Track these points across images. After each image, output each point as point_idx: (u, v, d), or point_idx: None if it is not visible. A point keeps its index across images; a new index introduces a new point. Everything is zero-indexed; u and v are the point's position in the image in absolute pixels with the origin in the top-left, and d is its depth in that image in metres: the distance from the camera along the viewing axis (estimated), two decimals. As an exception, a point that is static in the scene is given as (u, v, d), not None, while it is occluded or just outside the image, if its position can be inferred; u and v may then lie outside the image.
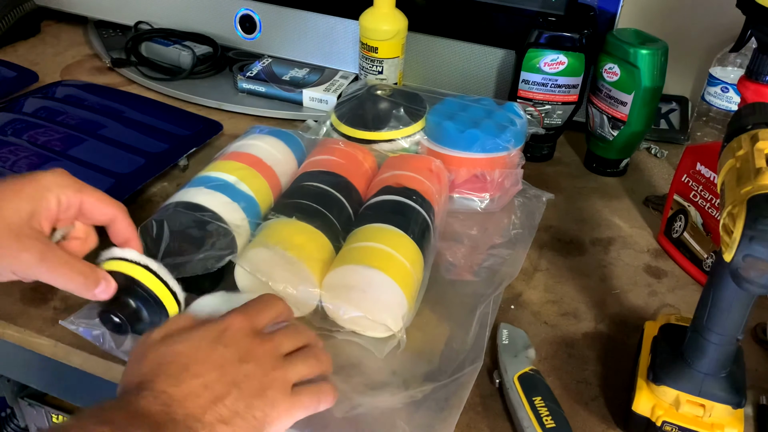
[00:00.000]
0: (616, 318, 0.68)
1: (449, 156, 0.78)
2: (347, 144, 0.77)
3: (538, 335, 0.65)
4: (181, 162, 0.85)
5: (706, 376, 0.51)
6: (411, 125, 0.80)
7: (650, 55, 0.81)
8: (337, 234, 0.64)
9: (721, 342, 0.50)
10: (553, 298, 0.70)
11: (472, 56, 0.99)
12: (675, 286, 0.72)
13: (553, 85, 0.87)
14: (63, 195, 0.52)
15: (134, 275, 0.54)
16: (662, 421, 0.53)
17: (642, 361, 0.56)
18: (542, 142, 0.92)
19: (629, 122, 0.85)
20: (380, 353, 0.60)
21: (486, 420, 0.57)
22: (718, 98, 0.91)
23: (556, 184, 0.88)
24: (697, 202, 0.71)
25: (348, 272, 0.59)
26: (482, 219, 0.79)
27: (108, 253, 0.56)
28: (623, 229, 0.81)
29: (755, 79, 0.72)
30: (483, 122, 0.78)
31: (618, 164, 0.91)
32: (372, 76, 0.96)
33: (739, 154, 0.48)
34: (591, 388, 0.60)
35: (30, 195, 0.50)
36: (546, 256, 0.76)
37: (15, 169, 0.78)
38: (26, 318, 0.64)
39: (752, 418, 0.58)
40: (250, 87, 1.02)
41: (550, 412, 0.54)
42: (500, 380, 0.58)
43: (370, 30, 0.92)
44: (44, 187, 0.51)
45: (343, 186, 0.69)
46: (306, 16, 1.04)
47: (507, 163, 0.79)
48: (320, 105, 1.00)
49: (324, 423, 0.54)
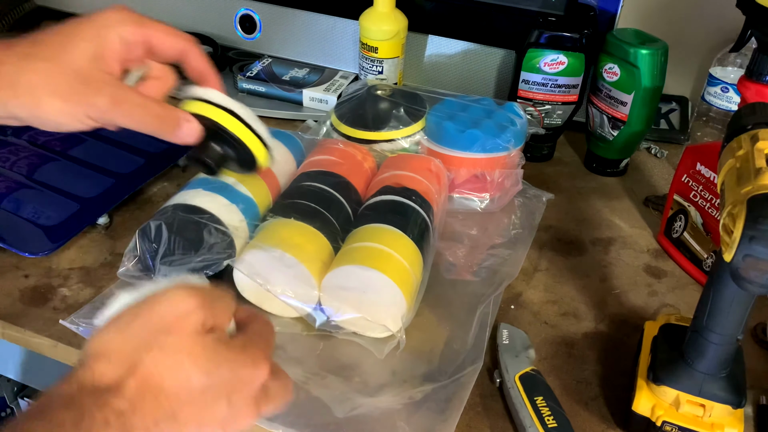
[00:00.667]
0: (616, 318, 0.68)
1: (449, 156, 0.78)
2: (346, 144, 0.77)
3: (538, 335, 0.65)
4: (181, 162, 0.85)
5: (706, 376, 0.51)
6: (411, 125, 0.80)
7: (650, 55, 0.81)
8: (336, 234, 0.64)
9: (721, 342, 0.50)
10: (553, 298, 0.70)
11: (472, 56, 0.99)
12: (675, 286, 0.72)
13: (553, 85, 0.87)
14: (125, 32, 0.48)
15: (220, 121, 0.51)
16: (662, 421, 0.53)
17: (642, 361, 0.56)
18: (542, 142, 0.92)
19: (629, 122, 0.85)
20: (380, 354, 0.60)
21: (486, 420, 0.57)
22: (718, 98, 0.91)
23: (556, 184, 0.88)
24: (697, 202, 0.71)
25: (347, 273, 0.59)
26: (482, 219, 0.79)
27: (189, 92, 0.52)
28: (623, 229, 0.81)
29: (755, 79, 0.72)
30: (483, 122, 0.78)
31: (618, 164, 0.91)
32: (372, 76, 0.96)
33: (739, 154, 0.48)
34: (591, 388, 0.60)
35: (90, 36, 0.47)
36: (546, 256, 0.76)
37: (15, 169, 0.78)
38: (26, 318, 0.64)
39: (752, 418, 0.58)
40: (250, 87, 1.02)
41: (551, 412, 0.54)
42: (501, 380, 0.58)
43: (370, 30, 0.92)
44: (102, 25, 0.47)
45: (342, 186, 0.69)
46: (306, 16, 1.04)
47: (507, 163, 0.79)
48: (320, 105, 1.00)
49: (324, 423, 0.55)
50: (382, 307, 0.60)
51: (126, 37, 0.48)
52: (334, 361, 0.60)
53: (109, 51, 0.47)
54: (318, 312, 0.62)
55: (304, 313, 0.62)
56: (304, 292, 0.61)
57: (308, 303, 0.61)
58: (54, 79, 0.45)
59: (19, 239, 0.70)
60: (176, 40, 0.50)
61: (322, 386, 0.58)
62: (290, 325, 0.64)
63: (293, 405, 0.56)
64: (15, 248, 0.69)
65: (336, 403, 0.56)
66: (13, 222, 0.72)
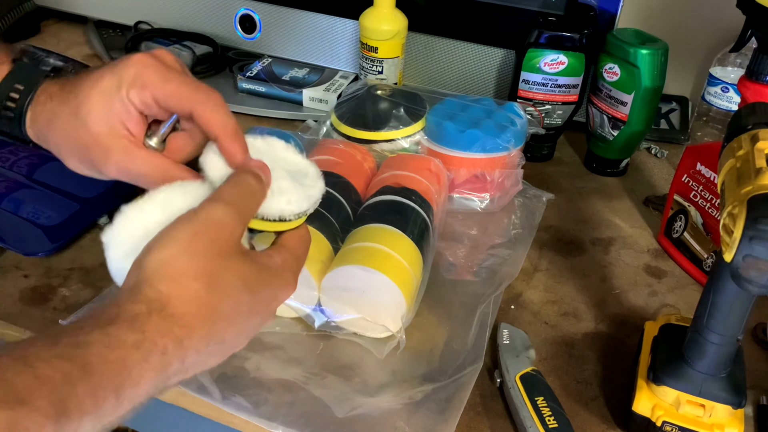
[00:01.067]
0: (616, 318, 0.68)
1: (449, 156, 0.78)
2: (346, 144, 0.77)
3: (538, 335, 0.65)
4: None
5: (706, 376, 0.51)
6: (411, 125, 0.80)
7: (650, 55, 0.81)
8: (335, 234, 0.64)
9: (721, 342, 0.50)
10: (553, 298, 0.70)
11: (472, 56, 0.99)
12: (675, 286, 0.72)
13: (553, 85, 0.87)
14: (137, 93, 0.45)
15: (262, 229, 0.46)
16: (662, 422, 0.53)
17: (642, 361, 0.56)
18: (542, 142, 0.92)
19: (629, 122, 0.85)
20: (380, 354, 0.60)
21: (486, 420, 0.57)
22: (719, 98, 0.91)
23: (556, 184, 0.88)
24: (697, 202, 0.71)
25: (347, 273, 0.59)
26: (482, 219, 0.79)
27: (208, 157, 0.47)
28: (623, 229, 0.81)
29: (755, 79, 0.72)
30: (483, 122, 0.78)
31: (618, 164, 0.91)
32: (372, 76, 0.96)
33: (740, 154, 0.48)
34: (591, 388, 0.60)
35: (104, 100, 0.46)
36: (546, 256, 0.76)
37: (15, 169, 0.78)
38: (26, 318, 0.64)
39: (752, 418, 0.58)
40: (250, 87, 1.02)
41: (552, 412, 0.54)
42: (501, 380, 0.58)
43: (370, 30, 0.92)
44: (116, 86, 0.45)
45: (342, 186, 0.69)
46: (306, 16, 1.04)
47: (507, 163, 0.79)
48: (320, 105, 1.00)
49: (324, 423, 0.54)
50: (381, 308, 0.60)
51: (140, 98, 0.46)
52: (334, 361, 0.60)
53: (124, 114, 0.46)
54: (318, 313, 0.62)
55: (304, 314, 0.62)
56: (303, 292, 0.61)
57: (308, 304, 0.61)
58: (71, 143, 0.47)
59: (19, 239, 0.70)
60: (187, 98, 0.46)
61: (322, 386, 0.58)
62: (290, 325, 0.64)
63: (293, 405, 0.56)
64: (15, 248, 0.69)
65: (336, 403, 0.56)
66: (13, 222, 0.72)
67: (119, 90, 0.46)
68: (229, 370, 0.59)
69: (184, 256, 0.39)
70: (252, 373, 0.59)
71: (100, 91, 0.46)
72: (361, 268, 0.59)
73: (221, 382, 0.58)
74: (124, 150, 0.46)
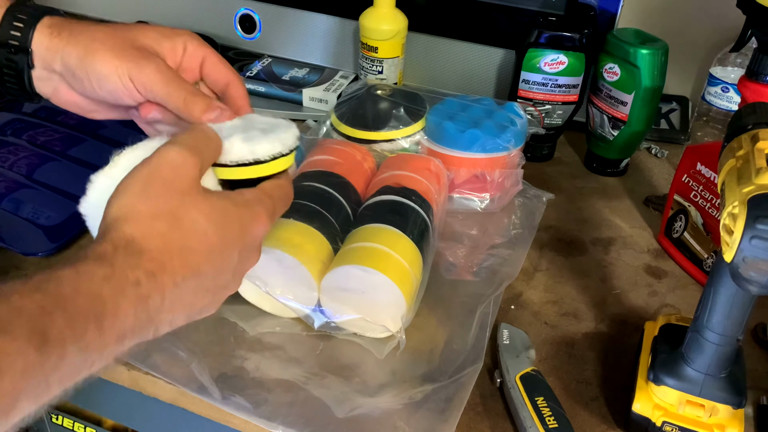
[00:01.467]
0: (616, 318, 0.68)
1: (449, 156, 0.78)
2: (346, 144, 0.77)
3: (538, 335, 0.65)
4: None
5: (707, 377, 0.51)
6: (411, 125, 0.80)
7: (650, 55, 0.81)
8: (335, 235, 0.64)
9: (721, 342, 0.50)
10: (553, 298, 0.70)
11: (472, 56, 0.99)
12: (675, 286, 0.72)
13: (554, 84, 0.87)
14: (189, 43, 0.51)
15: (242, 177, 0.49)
16: (662, 422, 0.53)
17: (642, 361, 0.56)
18: (542, 142, 0.92)
19: (629, 122, 0.85)
20: (380, 354, 0.60)
21: (486, 420, 0.57)
22: (719, 98, 0.91)
23: (557, 184, 0.88)
24: (697, 202, 0.71)
25: (346, 273, 0.59)
26: (482, 219, 0.79)
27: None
28: (623, 229, 0.81)
29: (755, 79, 0.72)
30: (483, 122, 0.78)
31: (618, 164, 0.91)
32: (372, 76, 0.96)
33: (740, 154, 0.48)
34: (591, 388, 0.60)
35: (156, 33, 0.51)
36: (546, 256, 0.76)
37: (15, 169, 0.78)
38: (26, 318, 0.64)
39: (752, 418, 0.58)
40: (250, 87, 1.02)
41: (552, 412, 0.54)
42: (501, 380, 0.58)
43: (370, 30, 0.92)
44: (171, 32, 0.51)
45: (341, 186, 0.69)
46: (306, 16, 1.04)
47: (507, 163, 0.79)
48: (320, 105, 1.00)
49: (324, 423, 0.54)
50: (381, 308, 0.60)
51: (189, 48, 0.51)
52: (334, 361, 0.60)
53: (170, 50, 0.51)
54: (317, 313, 0.61)
55: (304, 314, 0.62)
56: (303, 293, 0.61)
57: (308, 304, 0.61)
58: (113, 40, 0.49)
59: (19, 239, 0.70)
60: (227, 70, 0.53)
61: (322, 386, 0.58)
62: (290, 326, 0.64)
63: (293, 405, 0.56)
64: (15, 248, 0.69)
65: (336, 403, 0.56)
66: (12, 222, 0.72)
67: (176, 35, 0.51)
68: (229, 370, 0.59)
69: (142, 198, 0.40)
70: (252, 373, 0.59)
71: (156, 29, 0.51)
72: (361, 268, 0.59)
73: (221, 382, 0.58)
74: (164, 62, 0.50)
